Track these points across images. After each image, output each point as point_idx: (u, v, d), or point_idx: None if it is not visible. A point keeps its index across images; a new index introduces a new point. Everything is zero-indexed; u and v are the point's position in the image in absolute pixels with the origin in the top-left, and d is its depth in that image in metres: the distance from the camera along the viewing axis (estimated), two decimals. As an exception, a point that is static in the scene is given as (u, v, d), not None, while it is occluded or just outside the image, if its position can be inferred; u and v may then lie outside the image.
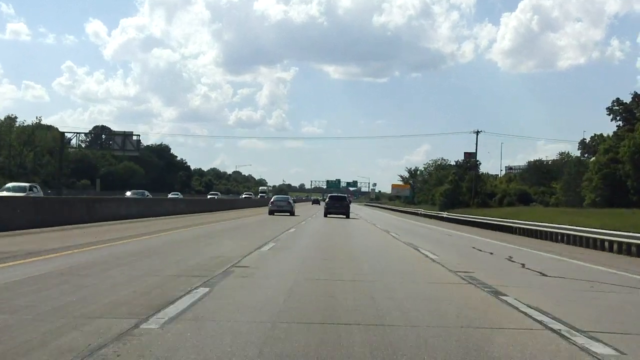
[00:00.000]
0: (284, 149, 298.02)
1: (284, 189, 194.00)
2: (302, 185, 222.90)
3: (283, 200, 46.66)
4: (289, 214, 43.11)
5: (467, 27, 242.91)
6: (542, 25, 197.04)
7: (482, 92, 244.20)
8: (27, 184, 38.90)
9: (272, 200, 46.77)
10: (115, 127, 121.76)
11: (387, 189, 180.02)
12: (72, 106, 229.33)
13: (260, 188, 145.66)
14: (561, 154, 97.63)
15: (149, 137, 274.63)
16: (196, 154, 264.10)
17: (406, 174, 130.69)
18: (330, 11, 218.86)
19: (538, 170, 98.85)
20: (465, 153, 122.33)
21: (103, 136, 74.00)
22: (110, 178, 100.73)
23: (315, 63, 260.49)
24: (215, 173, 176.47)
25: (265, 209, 47.39)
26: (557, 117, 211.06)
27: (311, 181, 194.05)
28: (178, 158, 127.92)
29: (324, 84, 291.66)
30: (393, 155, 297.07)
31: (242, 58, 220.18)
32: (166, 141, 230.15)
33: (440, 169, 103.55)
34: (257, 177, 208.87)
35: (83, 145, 79.57)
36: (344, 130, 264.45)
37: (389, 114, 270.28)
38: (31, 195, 32.79)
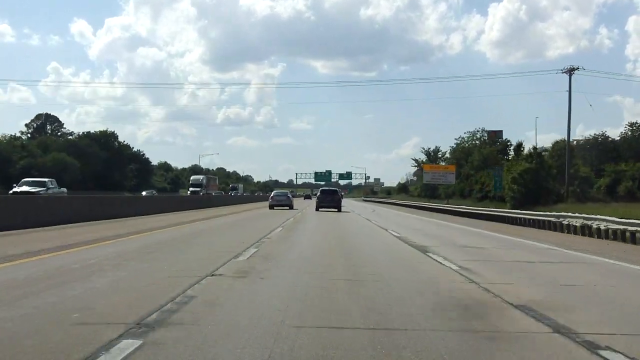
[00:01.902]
0: (273, 146, 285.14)
1: (270, 185, 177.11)
2: (290, 181, 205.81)
3: (282, 195, 49.48)
4: (288, 207, 46.18)
5: (455, 18, 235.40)
6: (531, 14, 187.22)
7: (472, 84, 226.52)
8: None
9: (272, 195, 49.66)
10: (102, 128, 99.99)
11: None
12: (59, 108, 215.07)
13: (192, 178, 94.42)
14: (631, 124, 75.31)
15: (137, 138, 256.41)
16: (188, 153, 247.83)
17: (422, 157, 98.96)
18: (317, 5, 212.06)
19: (596, 149, 76.14)
20: (489, 132, 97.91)
21: None
22: (36, 173, 78.00)
23: (302, 58, 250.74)
24: (192, 169, 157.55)
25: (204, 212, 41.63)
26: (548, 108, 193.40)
27: (296, 174, 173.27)
28: (134, 149, 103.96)
29: (312, 79, 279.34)
30: (384, 148, 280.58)
31: (229, 55, 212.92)
32: (154, 141, 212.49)
33: (484, 145, 75.89)
34: (242, 174, 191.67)
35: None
36: (332, 125, 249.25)
37: (378, 107, 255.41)
38: None
